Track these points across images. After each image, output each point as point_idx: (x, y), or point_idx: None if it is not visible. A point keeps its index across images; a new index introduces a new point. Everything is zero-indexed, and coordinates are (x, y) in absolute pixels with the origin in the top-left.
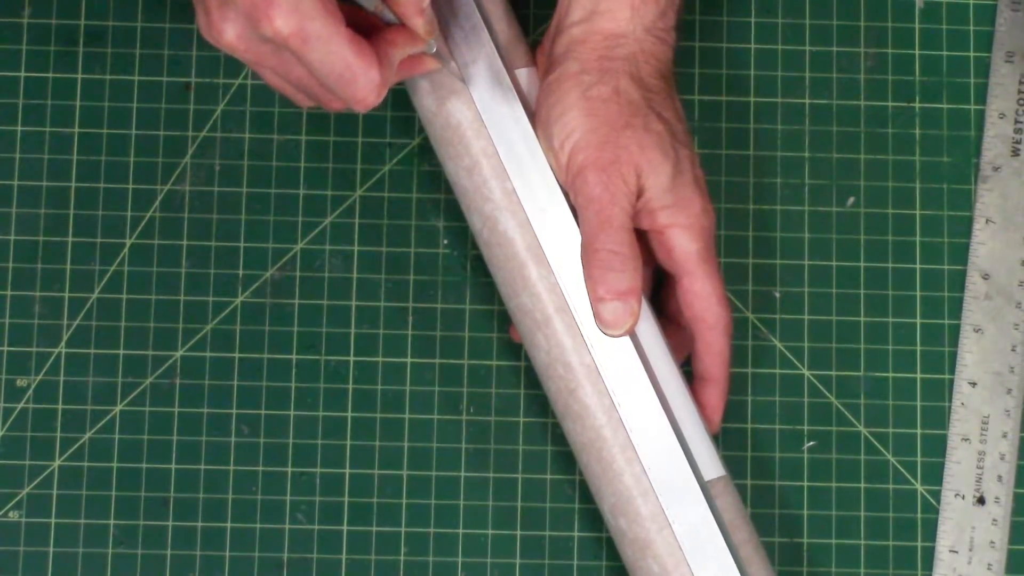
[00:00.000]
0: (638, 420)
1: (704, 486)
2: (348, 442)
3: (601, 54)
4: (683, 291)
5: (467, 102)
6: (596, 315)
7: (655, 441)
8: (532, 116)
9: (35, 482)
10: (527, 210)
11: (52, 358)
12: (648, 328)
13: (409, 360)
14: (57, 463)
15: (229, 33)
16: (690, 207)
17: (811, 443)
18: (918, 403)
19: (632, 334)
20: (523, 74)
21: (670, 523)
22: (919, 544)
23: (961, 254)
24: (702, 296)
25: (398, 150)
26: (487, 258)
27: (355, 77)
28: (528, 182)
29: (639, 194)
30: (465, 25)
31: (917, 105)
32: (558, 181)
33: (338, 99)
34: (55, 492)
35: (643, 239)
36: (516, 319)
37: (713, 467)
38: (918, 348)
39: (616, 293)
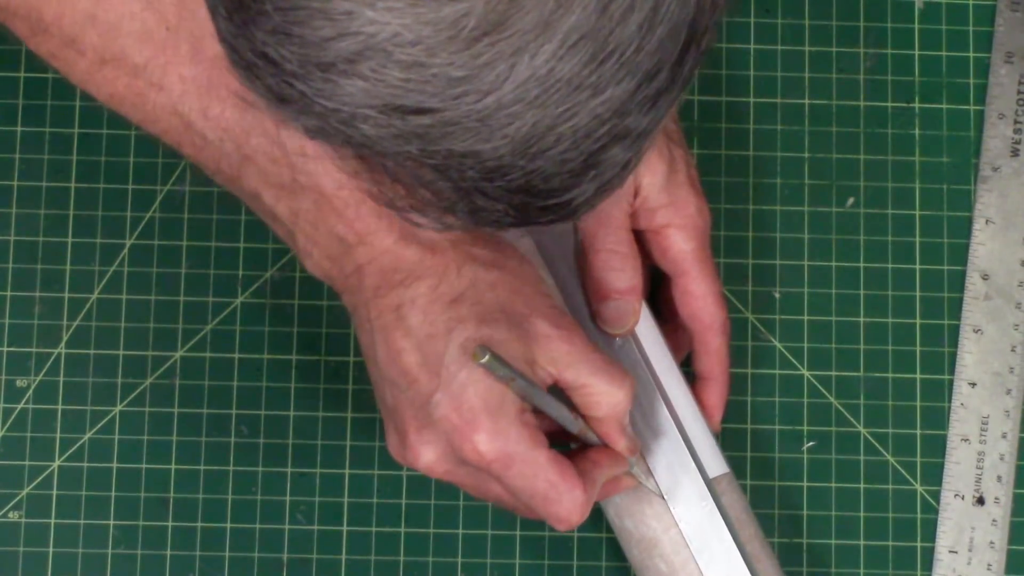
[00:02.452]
0: (641, 418)
1: (710, 483)
2: (348, 442)
3: None
4: (679, 291)
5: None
6: (597, 314)
7: (660, 440)
8: None
9: (35, 482)
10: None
11: (52, 358)
12: (647, 327)
13: None
14: (57, 463)
15: (428, 456)
16: (685, 207)
17: (811, 443)
18: (918, 403)
19: (633, 333)
20: None
21: (677, 522)
22: (919, 544)
23: (961, 254)
24: (697, 296)
25: None
26: None
27: (560, 499)
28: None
29: (635, 194)
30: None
31: (917, 106)
32: None
33: (538, 516)
34: (55, 492)
35: (639, 239)
36: None
37: (717, 464)
38: (918, 348)
39: (617, 292)
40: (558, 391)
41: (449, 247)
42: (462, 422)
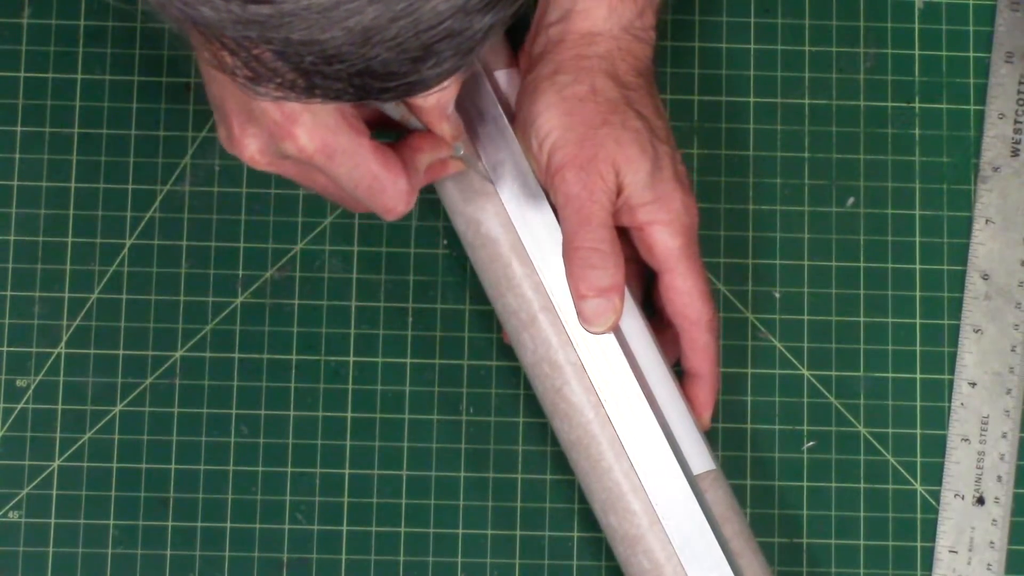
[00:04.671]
0: (625, 416)
1: (692, 480)
2: (348, 442)
3: (577, 53)
4: (665, 288)
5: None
6: (578, 312)
7: (642, 437)
8: (512, 118)
9: (35, 482)
10: (509, 210)
11: (52, 358)
12: (634, 324)
13: (409, 360)
14: (57, 463)
15: (251, 148)
16: (670, 203)
17: (811, 443)
18: (918, 403)
19: (617, 330)
20: (503, 75)
21: (660, 518)
22: (919, 544)
23: (961, 254)
24: (683, 292)
25: None
26: (473, 261)
27: (384, 188)
28: (509, 183)
29: (618, 191)
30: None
31: (917, 105)
32: (539, 181)
33: (365, 207)
34: (55, 492)
35: (627, 236)
36: (503, 319)
37: (702, 461)
38: (918, 348)
39: (597, 290)
40: None
41: None
42: (282, 116)
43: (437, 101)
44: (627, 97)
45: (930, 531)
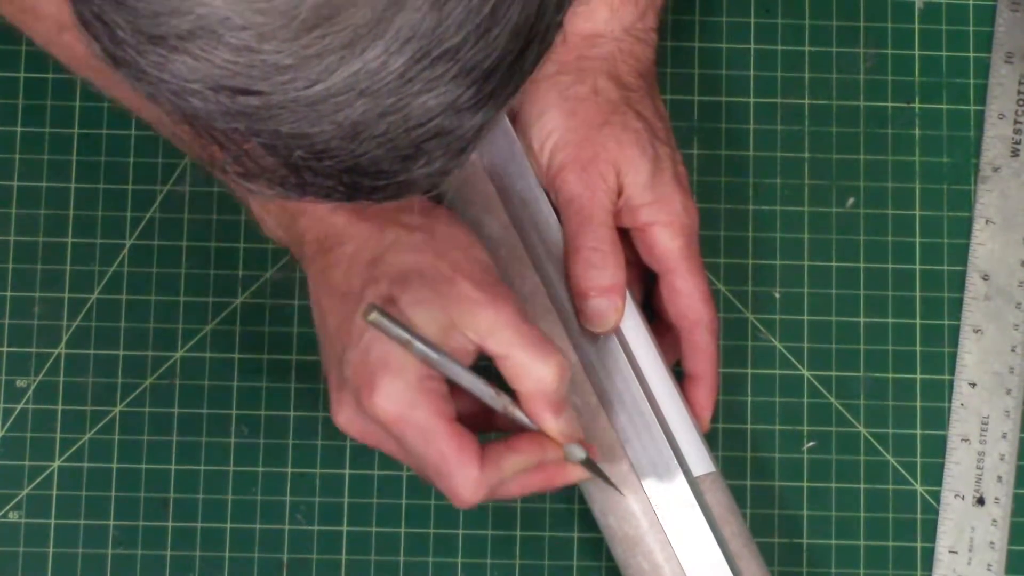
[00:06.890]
0: (624, 417)
1: (692, 482)
2: (348, 443)
3: (579, 54)
4: (666, 289)
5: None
6: (579, 312)
7: (642, 437)
8: (513, 119)
9: (35, 482)
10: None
11: (52, 358)
12: (634, 325)
13: None
14: (57, 464)
15: (343, 415)
16: (670, 204)
17: (811, 444)
18: (918, 404)
19: (617, 331)
20: None
21: (659, 520)
22: (919, 545)
23: (961, 255)
24: (684, 294)
25: None
26: None
27: (451, 472)
28: (511, 183)
29: (619, 192)
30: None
31: (917, 106)
32: (540, 182)
33: (435, 485)
34: (55, 493)
35: (627, 238)
36: None
37: (702, 463)
38: (918, 349)
39: (599, 290)
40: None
41: (377, 212)
42: (363, 382)
43: (537, 387)
44: (628, 98)
45: (930, 531)
